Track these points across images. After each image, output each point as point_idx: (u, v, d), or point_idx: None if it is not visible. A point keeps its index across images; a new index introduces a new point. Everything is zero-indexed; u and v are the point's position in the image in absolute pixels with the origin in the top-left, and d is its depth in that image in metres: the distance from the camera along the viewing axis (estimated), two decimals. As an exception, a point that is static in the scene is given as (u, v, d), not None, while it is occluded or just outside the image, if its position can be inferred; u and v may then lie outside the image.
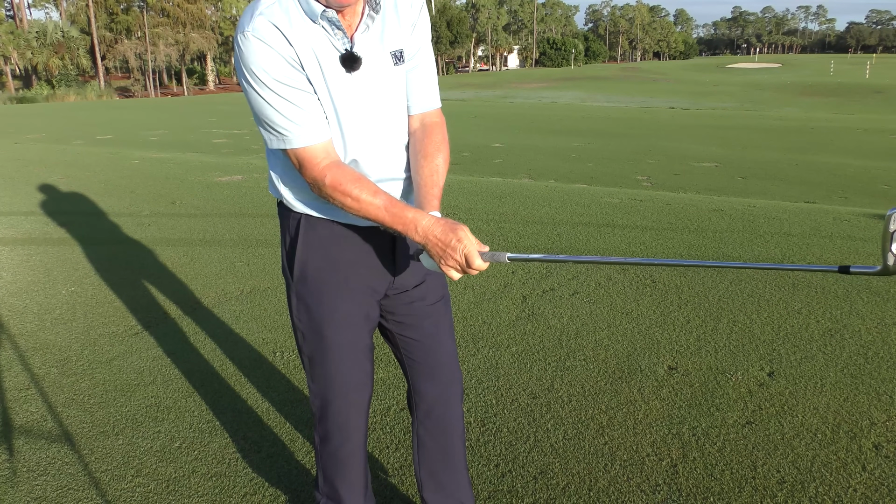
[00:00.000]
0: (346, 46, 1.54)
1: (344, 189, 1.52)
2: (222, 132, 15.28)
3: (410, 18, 1.63)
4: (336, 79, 1.55)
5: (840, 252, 4.60)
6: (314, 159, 1.54)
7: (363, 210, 1.54)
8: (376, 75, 1.59)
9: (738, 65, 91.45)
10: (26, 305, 3.90)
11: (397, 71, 1.63)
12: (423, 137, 1.69)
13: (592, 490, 2.23)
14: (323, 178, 1.53)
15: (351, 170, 1.57)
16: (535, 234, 5.07)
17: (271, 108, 1.50)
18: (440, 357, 1.84)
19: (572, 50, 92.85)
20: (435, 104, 1.73)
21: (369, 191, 1.54)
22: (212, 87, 62.56)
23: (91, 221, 5.77)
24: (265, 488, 2.27)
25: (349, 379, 1.76)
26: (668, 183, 8.92)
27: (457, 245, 1.48)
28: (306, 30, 1.50)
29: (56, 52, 50.19)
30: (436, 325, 1.84)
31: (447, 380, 1.86)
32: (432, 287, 1.83)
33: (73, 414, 2.72)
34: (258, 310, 3.77)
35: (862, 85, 45.48)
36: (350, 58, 1.54)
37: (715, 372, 2.97)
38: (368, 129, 1.61)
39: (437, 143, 1.68)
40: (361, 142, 1.61)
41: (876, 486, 2.22)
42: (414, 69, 1.67)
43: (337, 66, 1.54)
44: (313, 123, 1.53)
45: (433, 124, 1.71)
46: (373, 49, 1.58)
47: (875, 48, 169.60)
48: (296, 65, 1.50)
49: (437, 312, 1.84)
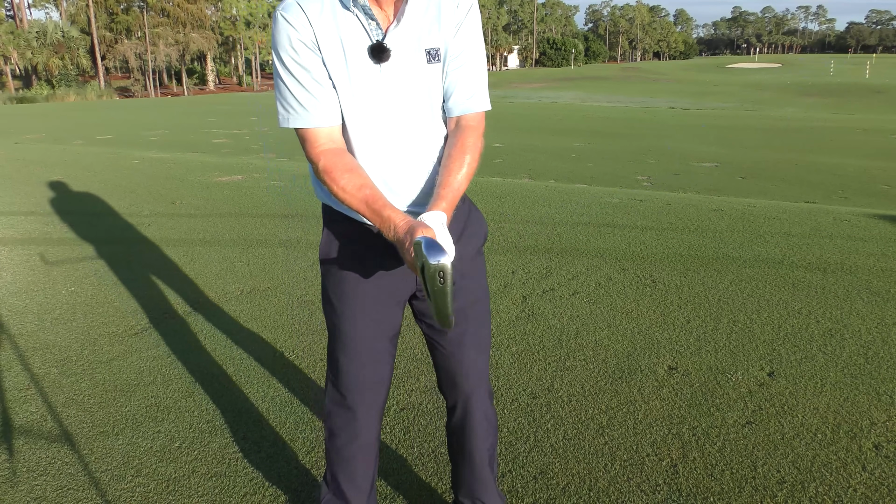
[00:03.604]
0: (377, 37, 1.54)
1: (333, 176, 1.54)
2: (222, 132, 15.29)
3: (456, 18, 1.59)
4: (359, 68, 1.54)
5: (840, 252, 4.60)
6: (315, 141, 1.57)
7: (347, 200, 1.54)
8: (405, 70, 1.57)
9: (738, 65, 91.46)
10: (26, 305, 3.90)
11: (430, 69, 1.59)
12: (452, 139, 1.64)
13: (592, 490, 2.23)
14: (318, 162, 1.56)
15: (349, 160, 1.56)
16: (535, 234, 5.07)
17: (284, 86, 1.56)
18: (459, 367, 1.82)
19: (572, 50, 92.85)
20: (474, 107, 1.65)
21: (356, 183, 1.53)
22: (212, 87, 62.58)
23: (91, 221, 5.77)
24: (265, 488, 2.27)
25: (361, 377, 1.76)
26: (668, 183, 8.92)
27: (409, 247, 1.43)
28: (338, 16, 1.52)
29: (56, 52, 50.19)
30: (461, 332, 1.79)
31: (466, 389, 1.84)
32: (466, 289, 1.78)
33: (73, 414, 2.72)
34: (258, 310, 3.77)
35: (862, 85, 45.49)
36: (378, 48, 1.54)
37: (715, 372, 2.97)
38: (388, 123, 1.60)
39: (463, 145, 1.62)
40: (378, 134, 1.60)
41: (876, 486, 2.22)
42: (457, 69, 1.62)
43: (363, 56, 1.54)
44: (320, 107, 1.55)
45: (467, 128, 1.65)
46: (406, 43, 1.56)
47: (875, 48, 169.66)
48: (314, 48, 1.52)
49: (466, 318, 1.79)
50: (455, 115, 1.65)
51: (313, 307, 3.77)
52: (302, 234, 5.24)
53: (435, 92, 1.62)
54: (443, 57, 1.60)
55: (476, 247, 1.81)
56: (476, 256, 1.81)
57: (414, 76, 1.58)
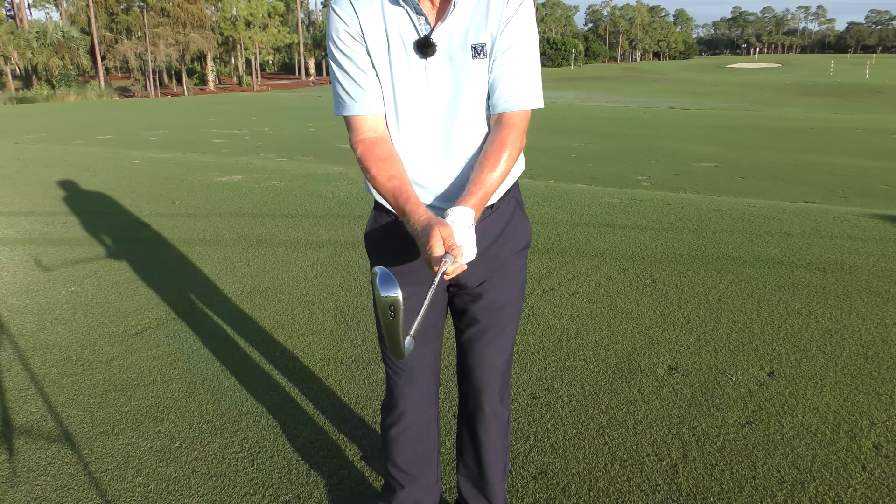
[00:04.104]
0: (425, 32, 1.56)
1: (367, 164, 1.59)
2: (222, 132, 15.29)
3: (504, 15, 1.57)
4: (405, 61, 1.57)
5: (840, 252, 4.60)
6: (357, 128, 1.63)
7: (378, 188, 1.59)
8: (450, 65, 1.58)
9: (738, 65, 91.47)
10: (26, 305, 3.90)
11: (476, 65, 1.59)
12: (492, 135, 1.62)
13: (592, 490, 2.23)
14: (356, 149, 1.63)
15: (385, 149, 1.60)
16: (535, 233, 5.06)
17: (334, 75, 1.64)
18: (472, 365, 1.84)
19: (572, 50, 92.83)
20: (517, 105, 1.61)
21: (386, 174, 1.56)
22: (212, 87, 62.56)
23: (91, 221, 5.77)
24: (265, 488, 2.27)
25: (405, 362, 1.80)
26: (668, 183, 8.92)
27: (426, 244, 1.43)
28: (386, 10, 1.57)
29: (56, 52, 50.16)
30: (482, 330, 1.80)
31: (481, 383, 1.85)
32: (496, 290, 1.77)
33: (73, 414, 2.72)
34: (258, 310, 3.77)
35: (862, 85, 45.49)
36: (424, 43, 1.56)
37: (715, 372, 2.97)
38: (429, 117, 1.61)
39: (502, 143, 1.58)
40: (418, 127, 1.62)
41: (876, 486, 2.22)
42: (503, 65, 1.59)
43: (407, 50, 1.57)
44: (364, 97, 1.61)
45: (508, 125, 1.60)
46: (453, 39, 1.57)
47: (875, 48, 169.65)
48: (360, 39, 1.58)
49: (490, 318, 1.79)
50: (498, 112, 1.63)
51: (313, 307, 3.77)
52: (302, 234, 5.24)
53: (479, 88, 1.61)
54: (489, 53, 1.59)
55: (514, 249, 1.80)
56: (513, 258, 1.80)
57: (458, 72, 1.59)
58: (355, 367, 3.08)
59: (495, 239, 1.74)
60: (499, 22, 1.57)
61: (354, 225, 5.43)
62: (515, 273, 1.82)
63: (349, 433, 2.57)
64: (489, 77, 1.61)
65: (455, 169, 1.65)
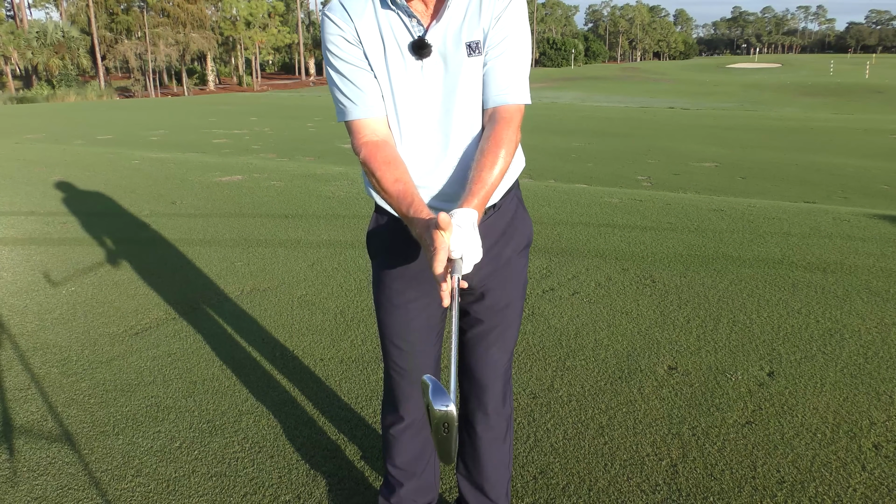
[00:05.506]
0: (419, 33, 1.56)
1: (370, 167, 1.58)
2: (222, 132, 15.29)
3: (496, 10, 1.58)
4: (401, 64, 1.57)
5: (840, 252, 4.60)
6: (359, 132, 1.62)
7: (382, 192, 1.58)
8: (446, 65, 1.58)
9: (738, 65, 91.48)
10: (26, 305, 3.90)
11: (471, 62, 1.59)
12: (487, 132, 1.60)
13: (592, 490, 2.23)
14: (358, 153, 1.62)
15: (388, 153, 1.58)
16: (535, 233, 5.04)
17: (332, 81, 1.63)
18: (474, 365, 1.85)
19: (572, 50, 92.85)
20: (510, 99, 1.60)
21: (390, 177, 1.55)
22: (212, 87, 62.55)
23: (91, 221, 5.77)
24: (265, 488, 2.27)
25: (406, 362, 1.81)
26: (668, 183, 8.92)
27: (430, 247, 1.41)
28: (378, 13, 1.57)
29: (56, 52, 50.17)
30: (485, 331, 1.81)
31: (478, 387, 1.87)
32: (499, 290, 1.78)
33: (73, 414, 2.73)
34: (258, 310, 3.77)
35: (862, 85, 45.49)
36: (419, 45, 1.56)
37: (715, 372, 2.97)
38: (427, 118, 1.61)
39: (498, 139, 1.56)
40: (417, 128, 1.62)
41: (876, 486, 2.22)
42: (495, 59, 1.59)
43: (402, 52, 1.57)
44: (363, 100, 1.60)
45: (502, 120, 1.59)
46: (447, 39, 1.57)
47: (875, 48, 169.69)
48: (356, 43, 1.57)
49: (492, 318, 1.79)
50: (490, 107, 1.61)
51: (313, 307, 3.78)
52: (302, 234, 5.24)
53: (475, 85, 1.61)
54: (483, 49, 1.59)
55: (516, 249, 1.80)
56: (515, 258, 1.80)
57: (454, 70, 1.59)
58: (355, 367, 3.08)
59: (498, 239, 1.75)
60: (491, 17, 1.58)
61: (354, 225, 5.43)
62: (518, 273, 1.82)
63: (349, 433, 2.57)
64: (485, 70, 1.61)
65: (454, 167, 1.65)
